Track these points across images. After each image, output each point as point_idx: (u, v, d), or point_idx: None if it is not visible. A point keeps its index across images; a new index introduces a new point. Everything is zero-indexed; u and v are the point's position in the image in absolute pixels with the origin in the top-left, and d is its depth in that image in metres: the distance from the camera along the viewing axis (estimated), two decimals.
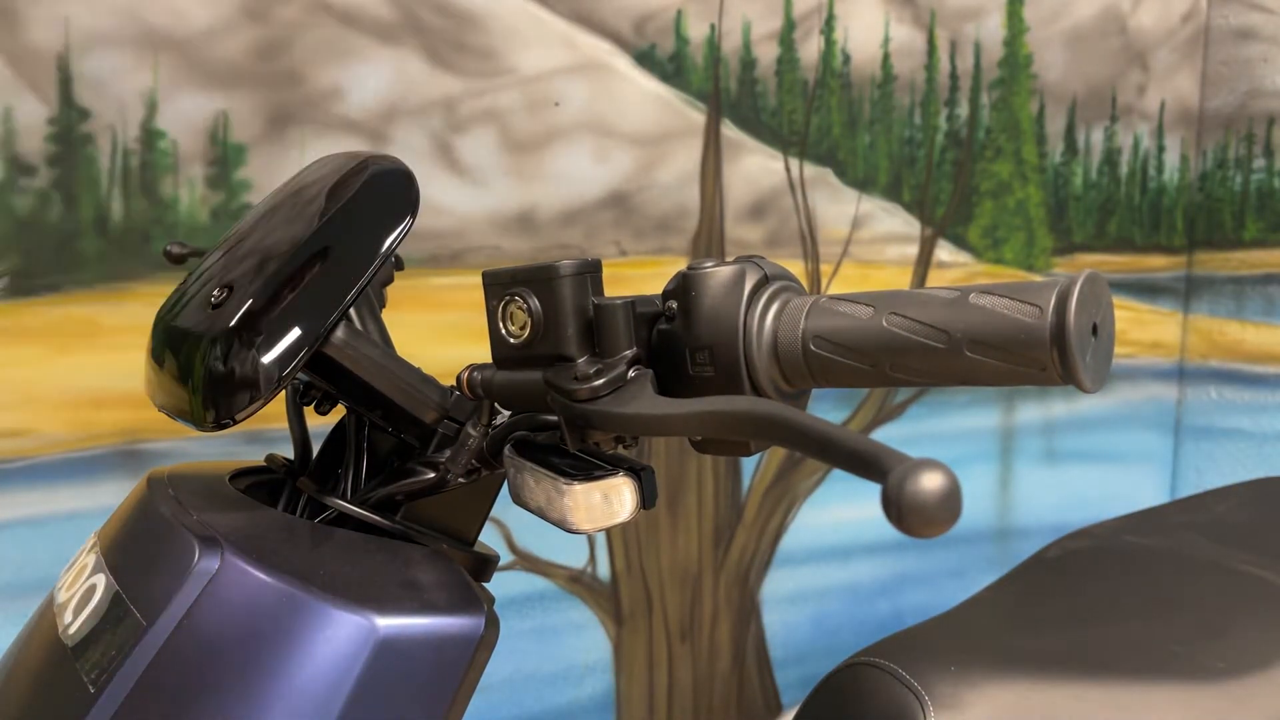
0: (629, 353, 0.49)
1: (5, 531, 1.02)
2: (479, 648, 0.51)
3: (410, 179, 0.58)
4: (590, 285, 0.50)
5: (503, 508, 0.60)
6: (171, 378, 0.56)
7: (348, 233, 0.55)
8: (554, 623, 1.33)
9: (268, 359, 0.52)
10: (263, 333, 0.52)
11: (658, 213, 1.32)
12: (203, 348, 0.53)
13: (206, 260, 0.61)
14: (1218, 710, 0.71)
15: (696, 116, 1.33)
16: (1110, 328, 0.42)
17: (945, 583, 1.66)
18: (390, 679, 0.49)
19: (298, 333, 0.52)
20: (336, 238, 0.55)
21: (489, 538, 1.25)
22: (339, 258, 0.54)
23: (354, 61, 1.11)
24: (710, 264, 0.48)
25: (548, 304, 0.50)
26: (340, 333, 0.57)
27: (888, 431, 1.56)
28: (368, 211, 0.56)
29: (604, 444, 0.53)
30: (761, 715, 1.52)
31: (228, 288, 0.55)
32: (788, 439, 0.38)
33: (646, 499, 0.52)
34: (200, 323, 0.55)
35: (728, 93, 1.35)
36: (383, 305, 0.73)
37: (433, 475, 0.60)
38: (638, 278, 1.31)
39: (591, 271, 0.51)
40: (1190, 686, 0.72)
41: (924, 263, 1.55)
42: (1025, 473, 1.71)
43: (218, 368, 0.52)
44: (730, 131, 1.36)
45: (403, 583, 0.53)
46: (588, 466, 0.53)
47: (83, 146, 1.01)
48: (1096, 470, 1.80)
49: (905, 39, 1.48)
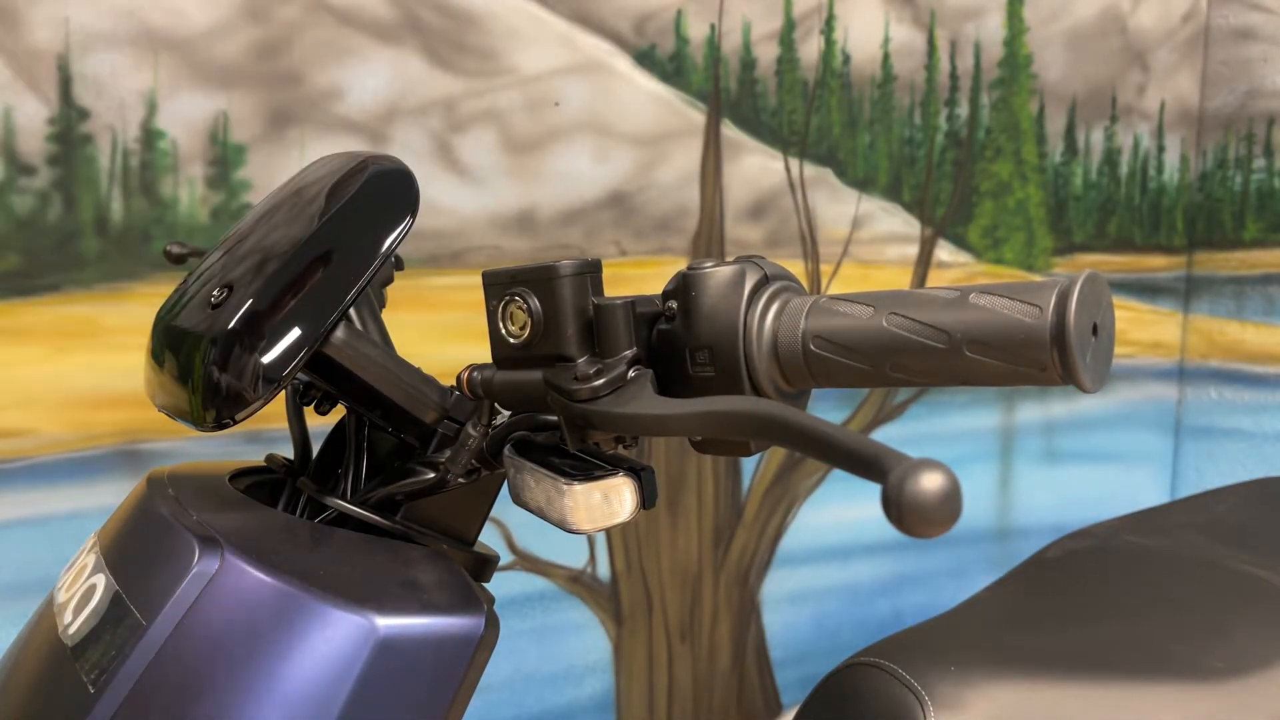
0: (629, 353, 0.49)
1: (5, 531, 1.02)
2: (479, 648, 0.51)
3: (410, 179, 0.58)
4: (590, 285, 0.50)
5: (503, 508, 0.60)
6: (171, 378, 0.56)
7: (348, 233, 0.55)
8: (554, 623, 1.33)
9: (268, 359, 0.52)
10: (263, 333, 0.52)
11: (658, 213, 1.32)
12: (203, 348, 0.53)
13: (206, 260, 0.61)
14: (1218, 710, 0.71)
15: (696, 116, 1.33)
16: (1110, 328, 0.42)
17: (945, 583, 1.66)
18: (390, 679, 0.49)
19: (298, 333, 0.52)
20: (336, 238, 0.55)
21: (489, 538, 1.25)
22: (339, 258, 0.54)
23: (354, 61, 1.11)
24: (710, 264, 0.48)
25: (548, 304, 0.50)
26: (340, 333, 0.57)
27: (888, 431, 1.56)
28: (368, 211, 0.56)
29: (604, 444, 0.53)
30: (761, 715, 1.52)
31: (228, 288, 0.55)
32: (788, 439, 0.38)
33: (646, 499, 0.52)
34: (200, 323, 0.55)
35: (728, 93, 1.35)
36: (383, 305, 0.73)
37: (433, 475, 0.60)
38: (638, 278, 1.31)
39: (591, 271, 0.51)
40: (1190, 686, 0.72)
41: (924, 263, 1.55)
42: (1025, 473, 1.71)
43: (218, 368, 0.52)
44: (730, 131, 1.36)
45: (403, 583, 0.53)
46: (588, 466, 0.53)
47: (83, 146, 1.01)
48: (1096, 470, 1.80)
49: (905, 39, 1.48)
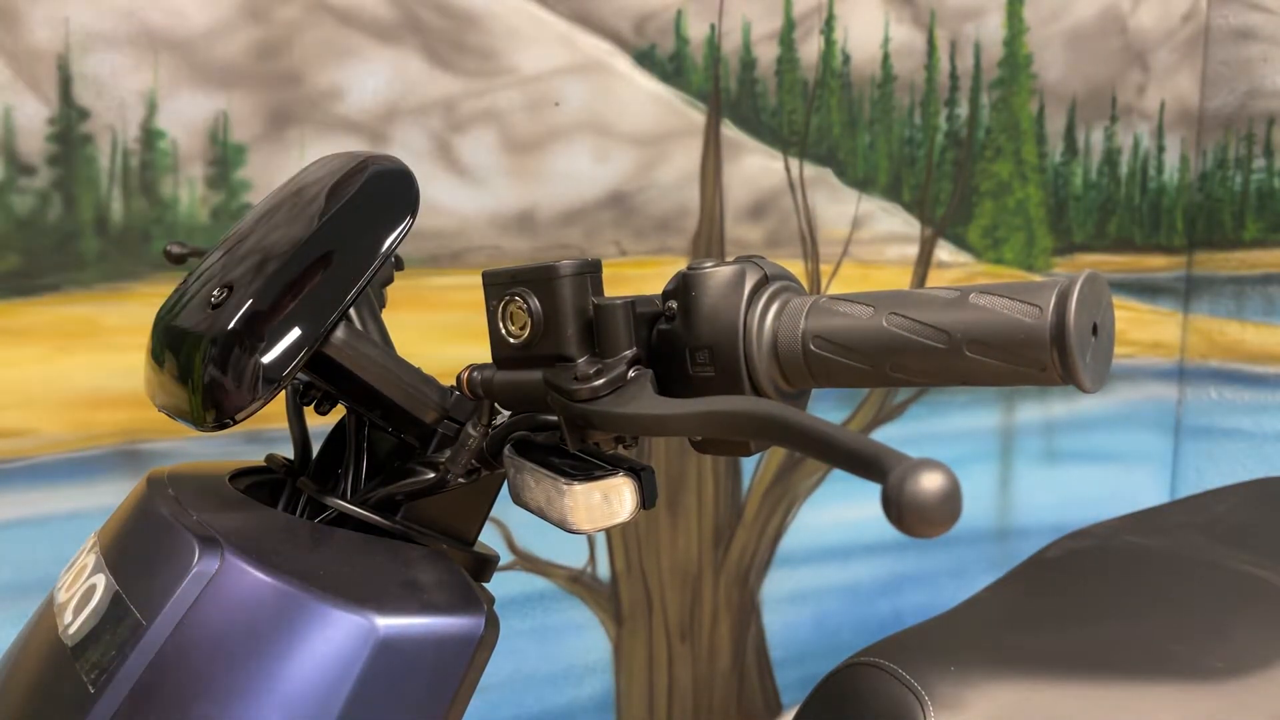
0: (629, 353, 0.49)
1: (5, 531, 1.02)
2: (479, 648, 0.51)
3: (410, 179, 0.58)
4: (590, 285, 0.50)
5: (503, 508, 0.60)
6: (171, 378, 0.56)
7: (348, 233, 0.55)
8: (554, 623, 1.33)
9: (268, 359, 0.52)
10: (263, 333, 0.52)
11: (658, 213, 1.32)
12: (203, 348, 0.53)
13: (206, 260, 0.61)
14: (1218, 710, 0.71)
15: (696, 116, 1.33)
16: (1110, 328, 0.42)
17: (945, 583, 1.66)
18: (390, 679, 0.49)
19: (298, 333, 0.52)
20: (336, 238, 0.55)
21: (489, 538, 1.25)
22: (339, 258, 0.54)
23: (354, 61, 1.11)
24: (710, 264, 0.48)
25: (548, 304, 0.50)
26: (340, 333, 0.57)
27: (888, 431, 1.56)
28: (368, 212, 0.56)
29: (604, 444, 0.53)
30: (761, 715, 1.52)
31: (228, 288, 0.55)
32: (788, 439, 0.38)
33: (646, 499, 0.52)
34: (200, 323, 0.55)
35: (728, 93, 1.35)
36: (383, 305, 0.73)
37: (433, 475, 0.60)
38: (638, 278, 1.31)
39: (591, 271, 0.51)
40: (1190, 686, 0.72)
41: (924, 263, 1.55)
42: (1025, 473, 1.71)
43: (218, 368, 0.52)
44: (730, 131, 1.36)
45: (403, 583, 0.53)
46: (588, 466, 0.53)
47: (83, 146, 1.01)
48: (1096, 470, 1.80)
49: (905, 39, 1.48)
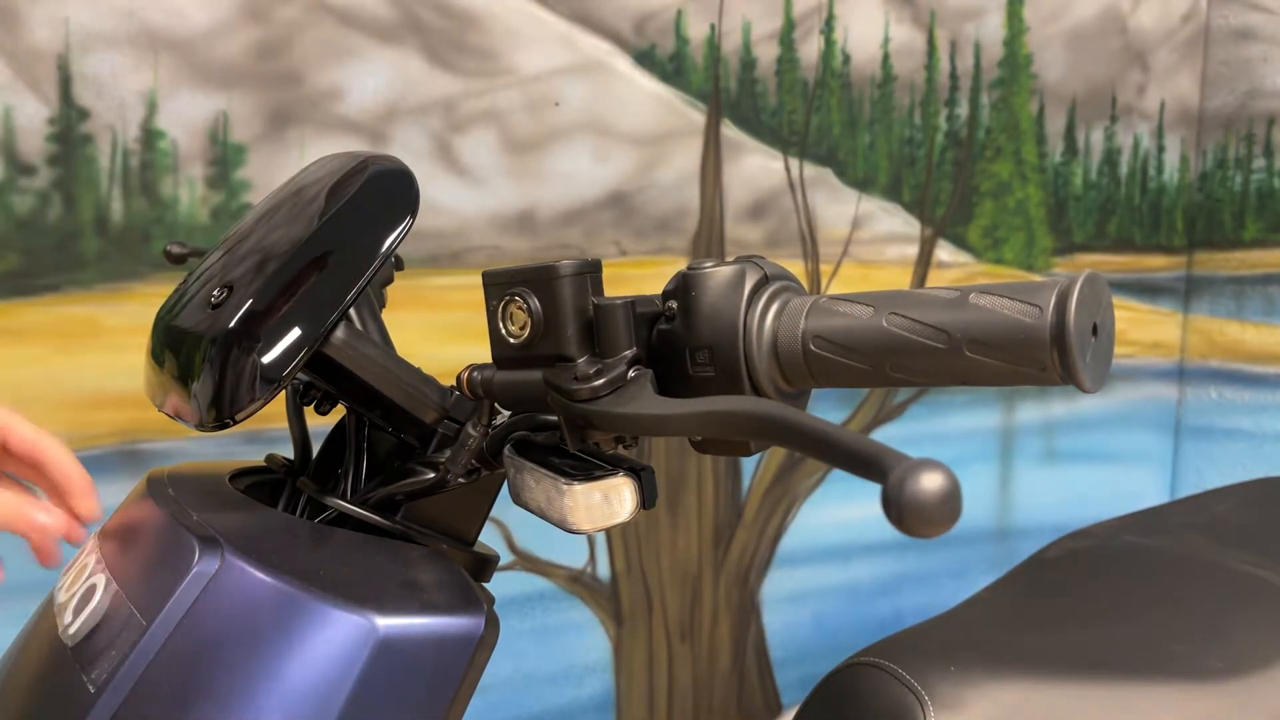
0: (629, 353, 0.49)
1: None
2: (479, 648, 0.51)
3: (410, 179, 0.58)
4: (590, 285, 0.50)
5: (503, 508, 0.59)
6: (171, 378, 0.56)
7: (348, 233, 0.55)
8: (554, 623, 1.33)
9: (268, 359, 0.52)
10: (263, 333, 0.52)
11: (658, 213, 1.32)
12: (203, 348, 0.53)
13: (206, 260, 0.61)
14: (1218, 710, 0.71)
15: (696, 116, 1.33)
16: (1110, 328, 0.42)
17: (945, 583, 1.66)
18: (390, 679, 0.49)
19: (298, 333, 0.52)
20: (336, 238, 0.55)
21: (489, 538, 1.25)
22: (339, 258, 0.54)
23: (354, 61, 1.11)
24: (710, 264, 0.48)
25: (548, 304, 0.50)
26: (340, 333, 0.57)
27: (888, 431, 1.56)
28: (368, 212, 0.56)
29: (604, 444, 0.53)
30: (761, 715, 1.52)
31: (228, 288, 0.55)
32: (788, 439, 0.38)
33: (646, 499, 0.52)
34: (200, 323, 0.55)
35: (728, 93, 1.35)
36: (383, 305, 0.73)
37: (433, 475, 0.60)
38: (638, 278, 1.31)
39: (591, 271, 0.50)
40: (1190, 686, 0.72)
41: (924, 263, 1.55)
42: (1025, 473, 1.71)
43: (218, 368, 0.52)
44: (730, 131, 1.36)
45: (403, 583, 0.53)
46: (588, 466, 0.53)
47: (83, 146, 1.01)
48: (1096, 470, 1.80)
49: (905, 39, 1.48)
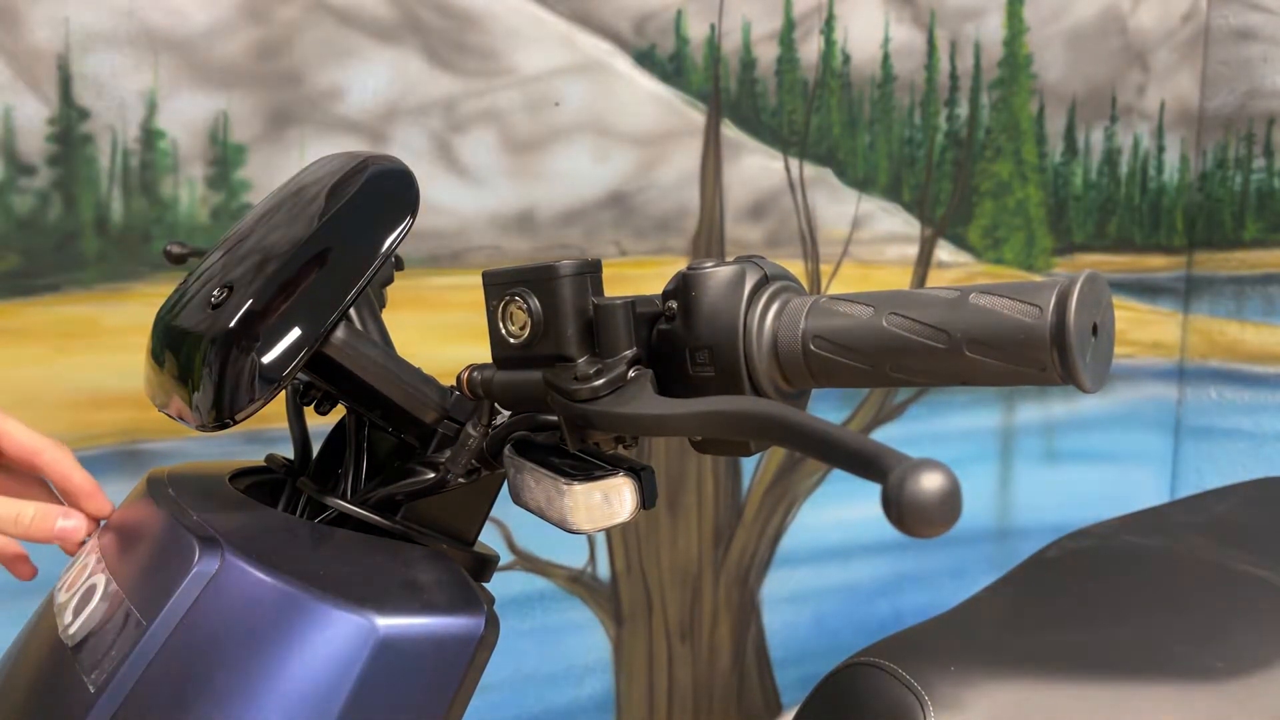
0: (629, 353, 0.49)
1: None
2: (479, 648, 0.51)
3: (410, 179, 0.58)
4: (590, 285, 0.50)
5: (503, 508, 0.59)
6: (171, 378, 0.56)
7: (348, 233, 0.55)
8: (554, 623, 1.33)
9: (268, 359, 0.52)
10: (263, 333, 0.52)
11: (658, 213, 1.32)
12: (203, 348, 0.53)
13: (206, 260, 0.61)
14: (1218, 710, 0.71)
15: (696, 116, 1.33)
16: (1110, 328, 0.42)
17: (945, 583, 1.66)
18: (390, 679, 0.49)
19: (298, 333, 0.52)
20: (336, 238, 0.55)
21: (489, 538, 1.25)
22: (339, 258, 0.54)
23: (354, 61, 1.11)
24: (710, 264, 0.48)
25: (548, 304, 0.50)
26: (340, 333, 0.57)
27: (888, 431, 1.56)
28: (368, 211, 0.56)
29: (604, 444, 0.53)
30: (761, 715, 1.52)
31: (228, 288, 0.55)
32: (788, 439, 0.38)
33: (646, 499, 0.52)
34: (200, 323, 0.55)
35: (728, 93, 1.35)
36: (383, 305, 0.73)
37: (433, 475, 0.60)
38: (638, 278, 1.31)
39: (591, 271, 0.50)
40: (1190, 686, 0.72)
41: (924, 263, 1.55)
42: (1025, 473, 1.71)
43: (218, 368, 0.52)
44: (730, 131, 1.36)
45: (403, 583, 0.53)
46: (588, 466, 0.53)
47: (83, 146, 1.01)
48: (1096, 470, 1.80)
49: (905, 39, 1.48)
